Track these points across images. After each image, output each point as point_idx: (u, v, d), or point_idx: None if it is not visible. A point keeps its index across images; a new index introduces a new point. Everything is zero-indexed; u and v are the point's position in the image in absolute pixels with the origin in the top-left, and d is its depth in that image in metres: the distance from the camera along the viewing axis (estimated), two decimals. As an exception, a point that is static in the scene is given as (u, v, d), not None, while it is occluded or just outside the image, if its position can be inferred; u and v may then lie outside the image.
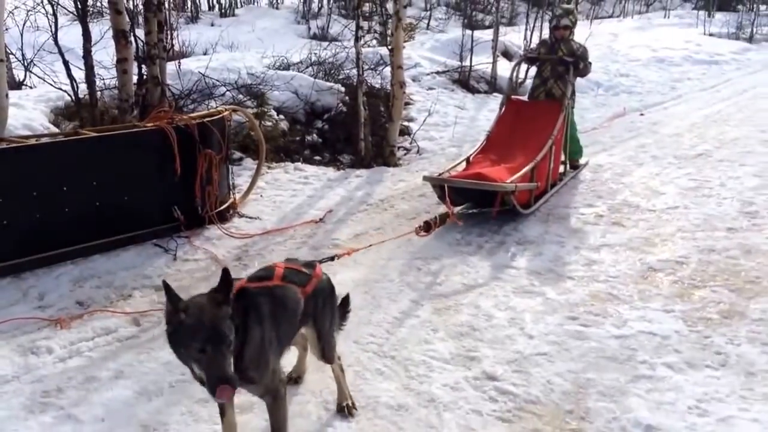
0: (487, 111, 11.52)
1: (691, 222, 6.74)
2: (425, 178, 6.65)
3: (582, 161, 8.68)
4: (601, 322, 4.86)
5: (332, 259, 4.42)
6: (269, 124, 8.85)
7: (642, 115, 12.06)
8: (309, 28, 20.57)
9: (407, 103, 11.29)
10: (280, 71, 10.36)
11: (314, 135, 9.51)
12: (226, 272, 2.89)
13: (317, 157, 9.04)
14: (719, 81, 15.50)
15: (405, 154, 9.43)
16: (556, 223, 6.76)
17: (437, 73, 12.98)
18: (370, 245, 5.44)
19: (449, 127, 10.26)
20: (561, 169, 8.02)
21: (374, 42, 17.39)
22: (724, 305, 5.10)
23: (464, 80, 13.00)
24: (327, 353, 3.68)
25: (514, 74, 8.20)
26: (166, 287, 2.76)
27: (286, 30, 21.13)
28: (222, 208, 6.53)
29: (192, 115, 6.45)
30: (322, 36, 19.91)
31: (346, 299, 4.06)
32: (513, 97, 8.07)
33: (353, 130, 9.05)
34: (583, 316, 4.94)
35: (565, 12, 8.02)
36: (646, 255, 5.97)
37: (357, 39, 8.61)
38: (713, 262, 5.84)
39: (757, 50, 20.00)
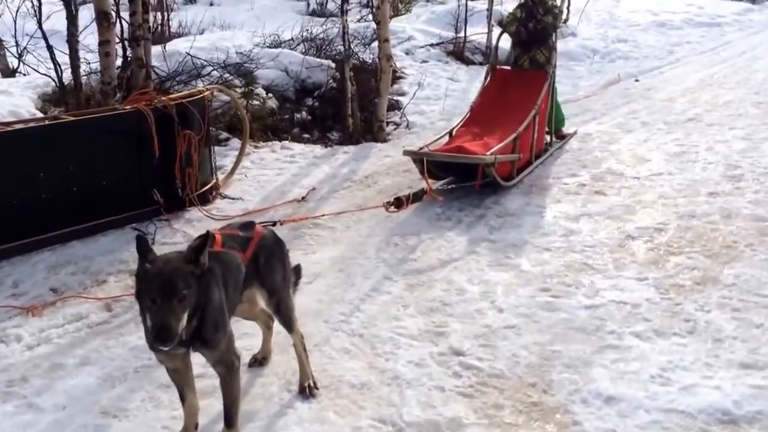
0: (479, 83, 11.38)
1: (674, 188, 6.72)
2: (405, 152, 6.66)
3: (570, 131, 8.63)
4: (573, 293, 4.87)
5: (274, 224, 4.45)
6: (257, 103, 8.85)
7: (637, 81, 11.96)
8: (308, 4, 20.43)
9: (399, 77, 11.26)
10: (270, 49, 10.34)
11: (304, 112, 9.51)
12: (206, 234, 2.99)
13: (306, 135, 9.05)
14: (718, 44, 15.31)
15: (394, 129, 9.42)
16: (538, 194, 6.76)
17: (431, 45, 12.90)
18: (323, 215, 5.45)
19: (441, 100, 10.22)
20: (547, 139, 7.99)
21: (371, 16, 17.30)
22: (698, 272, 5.11)
23: (459, 52, 12.92)
24: (284, 312, 3.71)
25: (498, 43, 8.15)
26: (140, 240, 2.86)
27: (284, 7, 21.01)
28: (204, 189, 6.57)
29: (171, 95, 6.45)
30: (321, 12, 19.82)
31: (297, 269, 4.08)
32: (498, 67, 8.02)
33: (343, 106, 9.03)
34: (555, 288, 4.96)
35: None
36: (625, 223, 5.97)
37: (343, 12, 8.55)
38: (692, 227, 5.83)
39: (760, 10, 19.68)
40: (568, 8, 16.25)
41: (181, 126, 6.17)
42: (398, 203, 5.70)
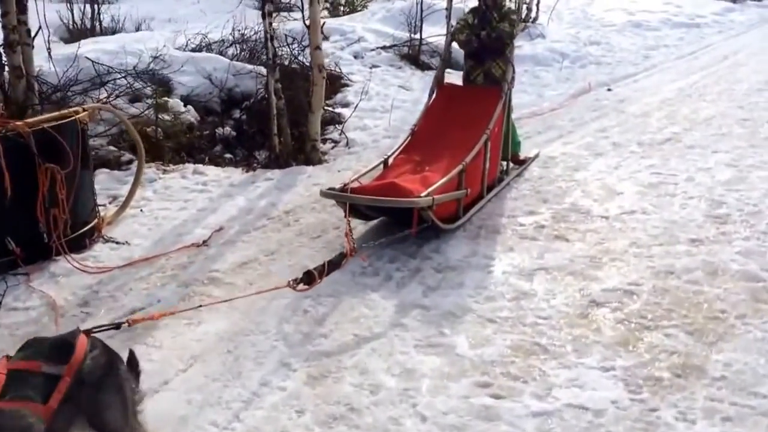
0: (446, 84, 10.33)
1: (649, 232, 5.64)
2: (323, 193, 5.48)
3: (531, 153, 7.53)
4: (520, 391, 3.76)
5: (117, 327, 3.25)
6: (168, 118, 7.64)
7: (609, 90, 10.90)
8: (263, -2, 19.06)
9: (344, 85, 10.11)
10: (191, 53, 9.13)
11: (228, 128, 8.32)
12: None
13: (229, 155, 7.87)
14: (698, 47, 14.33)
15: (333, 148, 8.26)
16: (487, 239, 5.63)
17: (382, 48, 11.72)
18: (200, 306, 4.19)
19: (388, 113, 9.05)
20: (503, 165, 6.88)
21: (325, 13, 16.11)
22: (678, 357, 4.03)
23: (414, 56, 11.77)
24: None
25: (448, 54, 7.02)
26: None
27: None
28: (80, 233, 5.37)
29: (28, 120, 5.23)
30: (277, 6, 18.55)
31: (131, 360, 2.93)
32: (445, 82, 6.89)
33: (268, 124, 7.84)
34: (497, 382, 3.84)
35: None
36: (590, 282, 4.87)
37: (266, 15, 7.33)
38: (670, 289, 4.75)
39: (741, 10, 18.77)
40: (537, 6, 15.21)
41: (44, 158, 4.96)
42: (309, 278, 4.39)
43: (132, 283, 4.95)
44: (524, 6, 14.95)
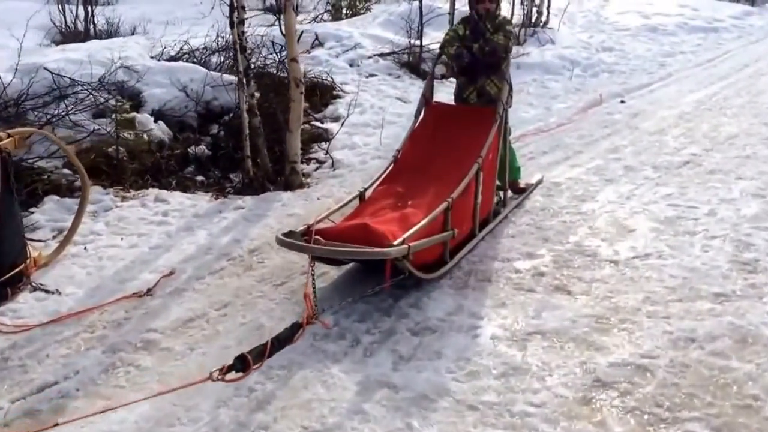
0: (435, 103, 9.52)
1: (665, 284, 4.83)
2: (279, 241, 4.64)
3: (534, 179, 6.74)
4: None
5: None
6: (130, 137, 6.89)
7: (623, 102, 10.08)
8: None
9: (336, 96, 9.34)
10: (169, 62, 8.38)
11: (204, 146, 7.56)
12: None
13: (200, 178, 7.10)
14: (716, 54, 13.48)
15: (316, 169, 7.49)
16: (476, 290, 4.85)
17: (380, 55, 10.94)
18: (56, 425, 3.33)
19: (381, 128, 8.27)
20: (500, 195, 6.11)
21: (327, 16, 15.39)
22: (702, 467, 3.22)
23: (414, 63, 10.97)
24: None
25: (437, 70, 6.22)
26: None
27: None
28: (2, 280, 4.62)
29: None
30: (278, 7, 17.84)
31: None
32: (434, 101, 6.11)
33: (254, 137, 7.07)
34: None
35: None
36: (594, 353, 4.08)
37: (234, 23, 6.55)
38: (691, 365, 3.95)
39: (760, 14, 17.88)
40: (548, 9, 14.37)
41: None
42: (242, 365, 3.51)
43: (51, 347, 4.20)
44: (534, 9, 14.13)
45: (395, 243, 4.36)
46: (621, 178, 6.87)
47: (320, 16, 15.60)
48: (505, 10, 14.02)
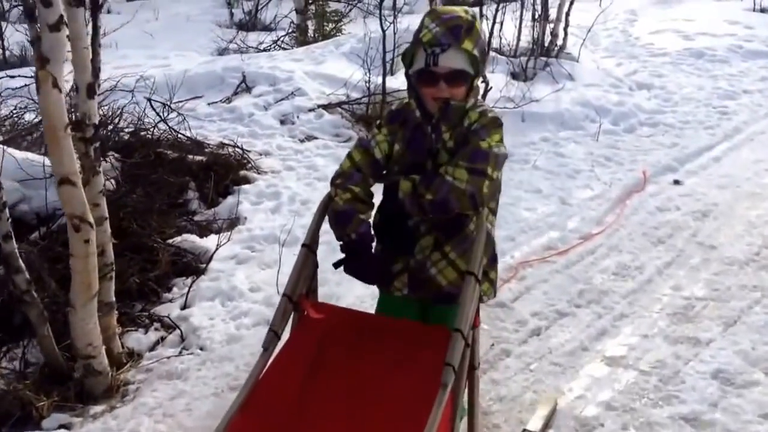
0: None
1: None
2: None
3: (538, 413, 3.44)
4: None
5: None
6: None
7: (677, 183, 6.75)
8: (231, 14, 15.37)
9: (241, 182, 6.11)
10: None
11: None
12: None
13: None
14: (793, 93, 10.02)
15: (155, 346, 4.22)
16: None
17: (326, 107, 7.66)
18: None
19: (289, 247, 4.99)
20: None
21: (288, 39, 12.16)
22: None
23: (375, 117, 7.68)
24: None
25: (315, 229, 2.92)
26: None
27: (203, 17, 15.92)
28: None
29: None
30: (252, 24, 14.77)
31: None
32: (310, 304, 2.80)
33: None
34: None
35: (452, 30, 2.67)
36: None
37: None
38: None
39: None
40: (565, 30, 11.00)
41: None
42: None
43: None
44: (548, 29, 10.76)
45: None
46: (714, 410, 3.53)
47: (281, 40, 12.35)
48: (508, 33, 10.63)
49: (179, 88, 7.41)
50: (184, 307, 4.47)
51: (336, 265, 2.74)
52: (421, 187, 2.59)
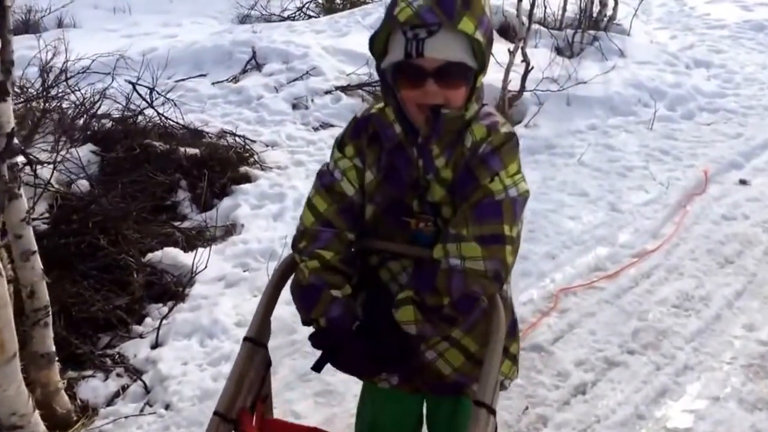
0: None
1: None
2: None
3: None
4: None
5: None
6: None
7: (744, 183, 5.84)
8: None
9: (241, 180, 5.36)
10: None
11: None
12: None
13: None
14: None
15: (114, 399, 3.49)
16: None
17: (344, 89, 6.85)
18: None
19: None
20: None
21: (314, 7, 11.32)
22: None
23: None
24: None
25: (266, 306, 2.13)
26: None
27: (206, 11, 14.93)
28: None
29: None
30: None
31: None
32: (254, 422, 2.03)
33: None
34: None
35: (442, 2, 1.74)
36: None
37: None
38: None
39: None
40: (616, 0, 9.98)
41: None
42: None
43: None
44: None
45: None
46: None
47: (306, 6, 11.50)
48: (552, 1, 9.57)
49: (179, 65, 6.64)
50: (155, 345, 3.73)
51: (316, 368, 1.95)
52: (428, 297, 1.79)
